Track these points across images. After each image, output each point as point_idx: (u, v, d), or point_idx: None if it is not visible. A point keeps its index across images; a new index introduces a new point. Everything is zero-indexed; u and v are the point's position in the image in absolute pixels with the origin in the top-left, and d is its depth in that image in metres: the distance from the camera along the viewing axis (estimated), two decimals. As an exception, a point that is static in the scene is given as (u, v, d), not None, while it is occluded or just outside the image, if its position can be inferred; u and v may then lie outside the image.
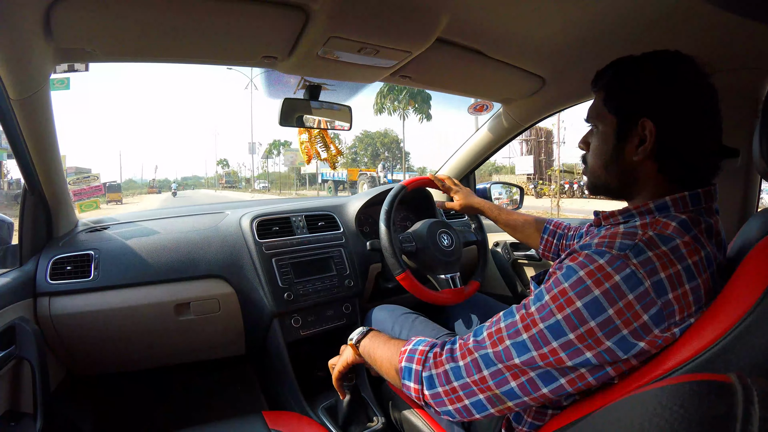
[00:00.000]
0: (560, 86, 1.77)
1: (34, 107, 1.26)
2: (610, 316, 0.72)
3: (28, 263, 1.53)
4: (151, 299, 1.60)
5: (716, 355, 0.64)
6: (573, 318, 0.74)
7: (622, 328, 0.72)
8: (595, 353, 0.73)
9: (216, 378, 2.28)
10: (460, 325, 1.85)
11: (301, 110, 1.79)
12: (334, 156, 2.20)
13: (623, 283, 0.72)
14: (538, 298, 0.81)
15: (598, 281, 0.74)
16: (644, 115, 0.86)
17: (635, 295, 0.72)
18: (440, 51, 1.39)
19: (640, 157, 0.88)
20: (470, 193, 1.84)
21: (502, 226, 1.75)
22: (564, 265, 0.81)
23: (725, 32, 1.14)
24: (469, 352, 0.86)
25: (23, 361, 1.35)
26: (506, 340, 0.81)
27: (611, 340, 0.72)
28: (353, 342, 1.20)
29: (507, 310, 0.87)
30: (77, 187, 1.81)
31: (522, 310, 0.82)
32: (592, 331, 0.73)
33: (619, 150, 0.91)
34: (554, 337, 0.75)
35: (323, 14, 1.11)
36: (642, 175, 0.90)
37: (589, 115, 1.00)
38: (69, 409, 1.74)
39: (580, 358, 0.74)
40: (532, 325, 0.78)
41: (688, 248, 0.77)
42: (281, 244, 1.82)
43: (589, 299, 0.73)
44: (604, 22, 1.19)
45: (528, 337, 0.78)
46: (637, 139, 0.88)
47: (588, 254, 0.78)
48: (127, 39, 1.23)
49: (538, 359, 0.77)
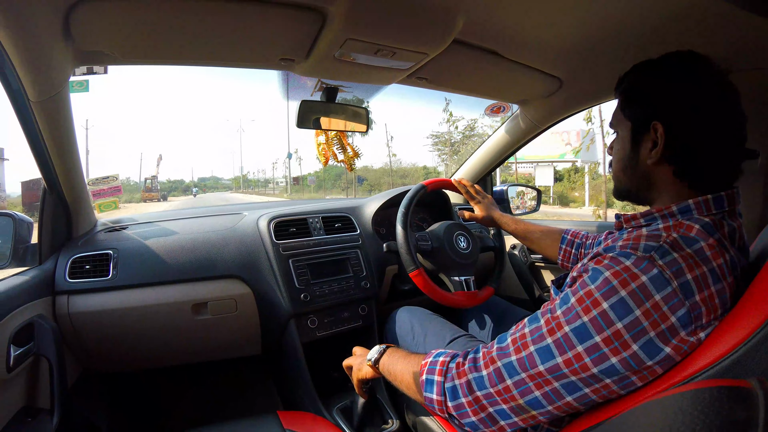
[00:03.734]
0: (578, 87, 1.75)
1: (54, 109, 1.27)
2: (637, 317, 0.71)
3: (47, 262, 1.55)
4: (168, 299, 1.61)
5: (737, 360, 0.63)
6: (599, 319, 0.73)
7: (649, 330, 0.70)
8: (621, 359, 0.72)
9: (231, 377, 2.30)
10: (474, 326, 1.85)
11: (318, 112, 1.79)
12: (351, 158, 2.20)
13: (650, 284, 0.72)
14: (564, 302, 0.80)
15: (625, 281, 0.73)
16: (655, 118, 0.86)
17: (662, 296, 0.71)
18: (457, 52, 1.39)
19: (653, 160, 0.88)
20: (492, 203, 1.84)
21: (521, 238, 1.75)
22: (590, 268, 0.80)
23: (742, 31, 1.13)
24: (492, 361, 0.85)
25: (41, 357, 1.37)
26: (530, 346, 0.80)
27: (638, 343, 0.71)
28: (372, 362, 1.18)
29: (532, 315, 0.86)
30: (96, 188, 1.83)
31: (547, 314, 0.81)
32: (619, 333, 0.72)
33: (634, 154, 0.92)
34: (579, 341, 0.74)
35: (340, 16, 1.11)
36: (657, 179, 0.90)
37: (611, 121, 1.01)
38: (85, 405, 1.76)
39: (605, 364, 0.73)
40: (557, 329, 0.78)
41: (713, 251, 0.76)
42: (298, 245, 1.83)
43: (615, 300, 0.73)
44: (621, 22, 1.18)
45: (552, 341, 0.77)
46: (651, 143, 0.88)
47: (613, 256, 0.78)
48: (146, 42, 1.24)
49: (562, 365, 0.76)
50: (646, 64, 0.92)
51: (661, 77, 0.88)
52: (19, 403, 1.30)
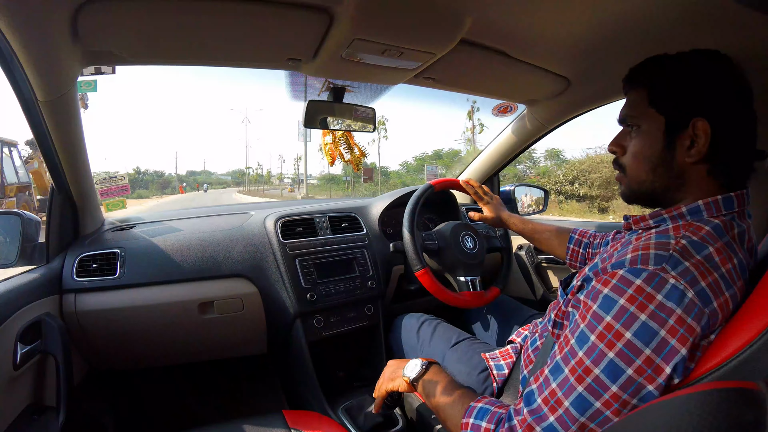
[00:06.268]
0: (585, 87, 1.74)
1: (62, 109, 1.28)
2: (663, 338, 0.69)
3: (54, 260, 1.56)
4: (175, 297, 1.62)
5: (744, 362, 0.63)
6: (627, 351, 0.71)
7: (680, 348, 0.69)
8: (656, 385, 0.69)
9: (237, 376, 2.31)
10: (479, 328, 1.85)
11: (325, 112, 1.79)
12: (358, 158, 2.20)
13: (667, 300, 0.70)
14: (582, 341, 0.76)
15: (642, 305, 0.71)
16: (698, 114, 0.83)
17: (683, 309, 0.69)
18: (464, 52, 1.38)
19: (694, 158, 0.84)
20: (500, 204, 1.84)
21: (529, 238, 1.75)
22: (599, 294, 0.78)
23: (755, 31, 1.12)
24: (530, 428, 0.78)
25: (48, 355, 1.37)
26: (564, 402, 0.75)
27: (671, 364, 0.69)
28: (410, 380, 1.13)
29: (553, 365, 0.81)
30: (104, 187, 1.84)
31: (570, 361, 0.77)
32: (650, 359, 0.69)
33: (669, 152, 0.88)
34: (613, 380, 0.71)
35: (347, 16, 1.11)
36: (692, 177, 0.87)
37: (626, 115, 0.96)
38: (91, 403, 1.77)
39: (643, 392, 0.70)
40: (586, 375, 0.74)
41: (721, 256, 0.75)
42: (305, 244, 1.83)
43: (637, 327, 0.71)
44: (631, 21, 1.17)
45: (584, 389, 0.74)
46: (689, 140, 0.85)
47: (623, 276, 0.76)
48: (154, 42, 1.24)
49: (603, 408, 0.72)
50: (676, 58, 0.89)
51: (703, 73, 0.86)
52: (25, 400, 1.30)
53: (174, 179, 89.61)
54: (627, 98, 0.97)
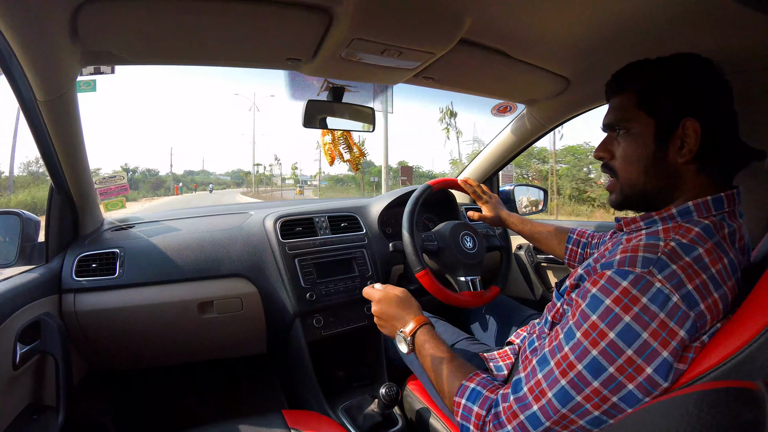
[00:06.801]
0: (585, 87, 1.74)
1: (61, 109, 1.28)
2: (645, 340, 0.71)
3: (53, 260, 1.56)
4: (174, 297, 1.62)
5: (742, 361, 0.63)
6: (609, 351, 0.73)
7: (661, 351, 0.70)
8: (637, 384, 0.71)
9: (237, 376, 2.31)
10: (478, 328, 1.85)
11: (324, 112, 1.79)
12: (357, 157, 2.20)
13: (651, 303, 0.71)
14: (569, 337, 0.79)
15: (626, 307, 0.73)
16: (687, 114, 0.85)
17: (667, 313, 0.70)
18: (464, 52, 1.38)
19: (686, 158, 0.86)
20: (499, 203, 1.84)
21: (528, 238, 1.76)
22: (588, 293, 0.80)
23: (754, 31, 1.12)
24: (515, 415, 0.82)
25: (47, 355, 1.37)
26: (548, 393, 0.79)
27: (652, 365, 0.70)
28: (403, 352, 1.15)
29: (541, 357, 0.84)
30: (103, 186, 1.84)
31: (557, 355, 0.80)
32: (631, 359, 0.71)
33: (661, 153, 0.89)
34: (594, 376, 0.74)
35: (347, 16, 1.11)
36: (684, 177, 0.88)
37: (613, 119, 0.97)
38: (90, 403, 1.77)
39: (623, 392, 0.72)
40: (569, 370, 0.77)
41: (711, 256, 0.76)
42: (304, 244, 1.83)
43: (621, 328, 0.72)
44: (630, 21, 1.17)
45: (567, 382, 0.76)
46: (679, 141, 0.86)
47: (610, 277, 0.77)
48: (153, 42, 1.24)
49: (583, 402, 0.75)
50: (662, 62, 0.91)
51: (689, 75, 0.88)
52: (25, 400, 1.30)
53: (169, 179, 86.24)
54: (611, 103, 1.00)
